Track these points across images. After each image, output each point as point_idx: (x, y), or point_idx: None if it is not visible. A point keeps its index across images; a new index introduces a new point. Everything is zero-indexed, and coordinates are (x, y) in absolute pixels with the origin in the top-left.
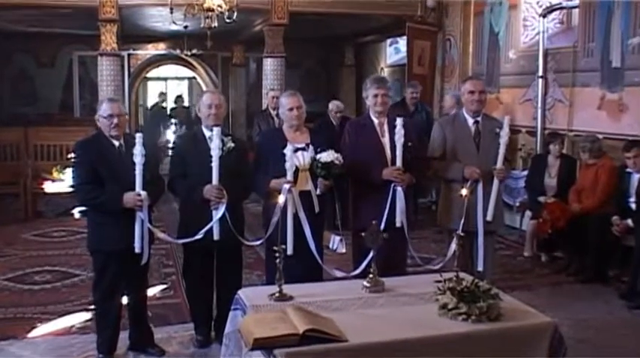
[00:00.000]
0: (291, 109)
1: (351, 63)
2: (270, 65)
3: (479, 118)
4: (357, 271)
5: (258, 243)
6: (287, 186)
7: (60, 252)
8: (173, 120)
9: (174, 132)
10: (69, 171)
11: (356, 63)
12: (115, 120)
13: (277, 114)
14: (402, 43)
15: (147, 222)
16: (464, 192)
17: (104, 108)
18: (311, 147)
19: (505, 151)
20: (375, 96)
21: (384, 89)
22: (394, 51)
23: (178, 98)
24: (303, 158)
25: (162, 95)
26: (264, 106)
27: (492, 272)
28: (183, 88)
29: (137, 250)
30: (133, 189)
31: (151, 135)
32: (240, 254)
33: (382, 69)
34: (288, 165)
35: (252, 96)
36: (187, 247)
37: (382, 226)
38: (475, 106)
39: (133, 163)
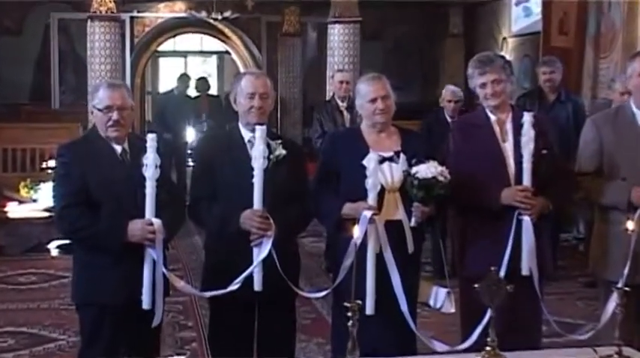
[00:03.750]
0: (373, 100)
1: (459, 31)
2: (338, 35)
3: None
4: (468, 343)
5: (321, 295)
6: (367, 213)
7: (28, 305)
8: (204, 118)
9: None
10: (45, 188)
11: (465, 31)
12: (116, 116)
13: (349, 107)
14: (535, 0)
15: (160, 265)
16: (630, 225)
17: (100, 97)
18: (403, 156)
19: None
20: (483, 85)
21: (494, 72)
22: (523, 12)
23: (200, 82)
24: (392, 173)
25: (185, 78)
26: (328, 95)
27: None
28: (209, 68)
29: (145, 305)
30: (142, 215)
31: (169, 137)
32: (293, 311)
33: (504, 39)
34: (369, 183)
35: (311, 79)
36: (216, 301)
37: (502, 274)
38: None
39: (143, 178)
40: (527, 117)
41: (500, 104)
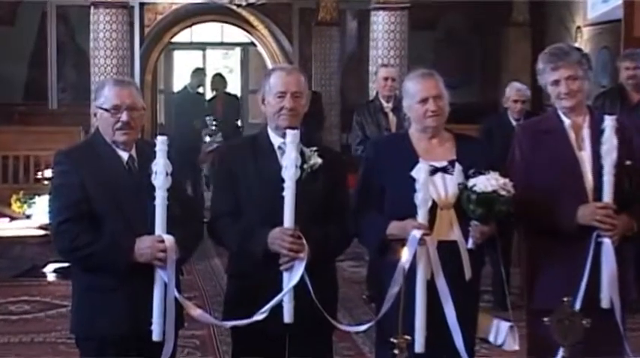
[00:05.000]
0: (424, 101)
1: (524, 19)
2: (382, 24)
3: None
4: None
5: (362, 329)
6: (417, 233)
7: (21, 338)
8: (208, 120)
9: (214, 141)
10: (40, 202)
11: (532, 19)
12: (125, 116)
13: (395, 109)
14: None
15: (173, 288)
16: None
17: (107, 96)
18: (458, 166)
19: None
20: (556, 82)
21: (569, 67)
22: None
23: (216, 80)
24: (446, 186)
25: (199, 73)
26: (370, 95)
27: None
28: (231, 63)
29: (156, 337)
30: (151, 231)
31: (183, 143)
32: (330, 348)
33: (579, 29)
34: (419, 197)
35: (351, 76)
36: (239, 334)
37: (577, 306)
38: None
39: (152, 188)
40: (608, 122)
41: (576, 105)
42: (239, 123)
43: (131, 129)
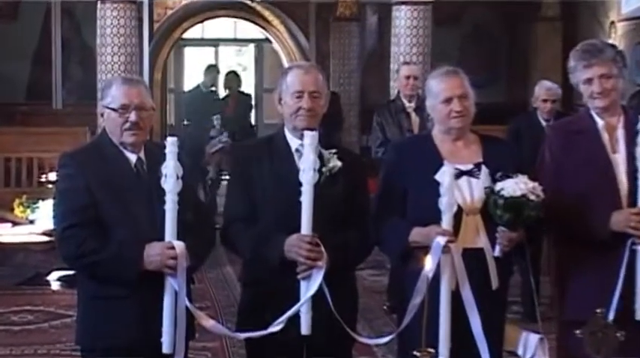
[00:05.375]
0: (448, 101)
1: (554, 13)
2: (404, 19)
3: None
4: None
5: (383, 341)
6: (441, 240)
7: (24, 350)
8: (215, 119)
9: (218, 141)
10: (44, 207)
11: (562, 13)
12: (134, 116)
13: (418, 109)
14: None
15: (183, 296)
16: None
17: (114, 95)
18: (485, 169)
19: None
20: (589, 81)
21: (603, 65)
22: None
23: (230, 78)
24: (471, 190)
25: (212, 70)
26: (392, 94)
27: None
28: (245, 60)
29: (166, 349)
30: (161, 237)
31: (194, 144)
32: None
33: (612, 24)
34: (443, 202)
35: (371, 74)
36: (254, 346)
37: (611, 318)
38: None
39: (162, 192)
40: None
41: (610, 105)
42: (252, 122)
43: (140, 129)
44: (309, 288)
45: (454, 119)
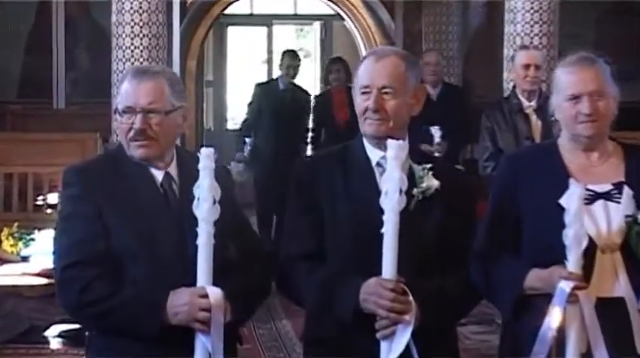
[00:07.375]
0: (576, 99)
1: None
2: None
3: None
4: None
5: None
6: (566, 286)
7: None
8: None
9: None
10: (42, 239)
11: None
12: (138, 123)
13: (540, 109)
14: None
15: None
16: None
17: (122, 93)
18: (628, 191)
19: None
20: None
21: None
22: None
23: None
24: (609, 219)
25: (292, 56)
26: (506, 89)
27: None
28: (308, 43)
29: None
30: (192, 281)
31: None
32: None
33: None
34: (569, 234)
35: (477, 63)
36: None
37: None
38: None
39: (195, 220)
40: None
41: None
42: (309, 130)
43: (149, 139)
44: (392, 350)
45: (582, 124)
